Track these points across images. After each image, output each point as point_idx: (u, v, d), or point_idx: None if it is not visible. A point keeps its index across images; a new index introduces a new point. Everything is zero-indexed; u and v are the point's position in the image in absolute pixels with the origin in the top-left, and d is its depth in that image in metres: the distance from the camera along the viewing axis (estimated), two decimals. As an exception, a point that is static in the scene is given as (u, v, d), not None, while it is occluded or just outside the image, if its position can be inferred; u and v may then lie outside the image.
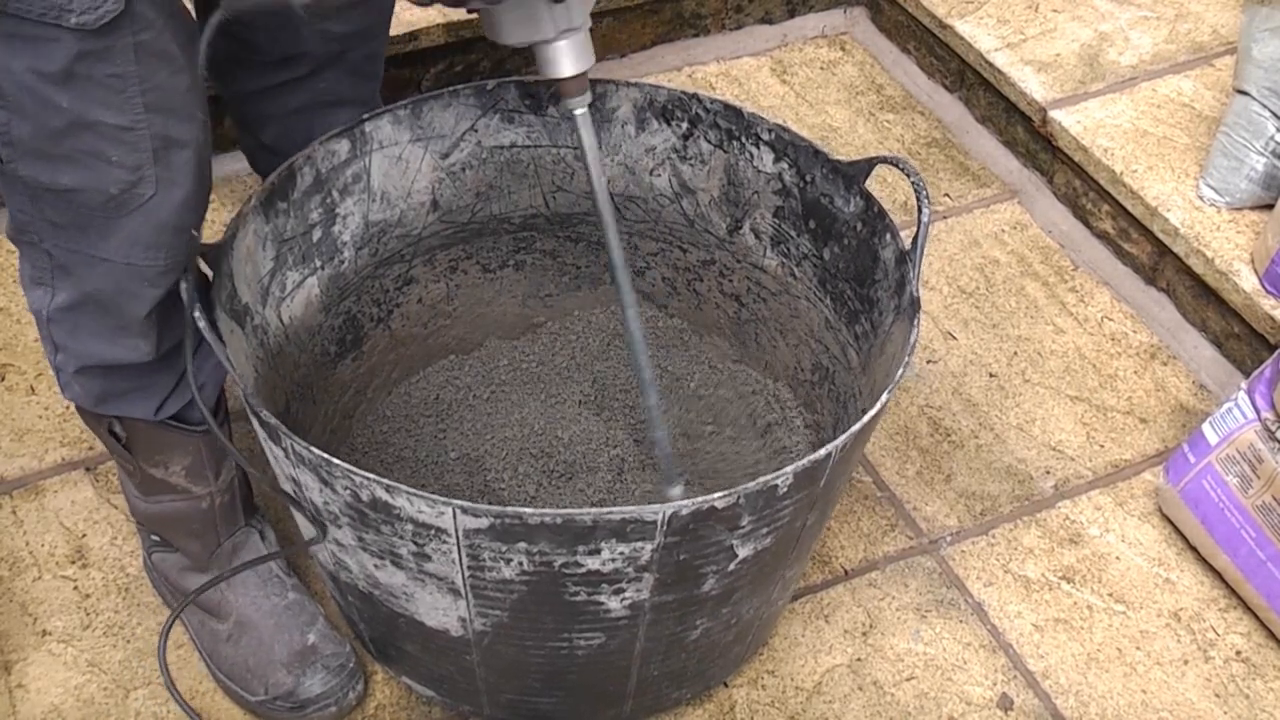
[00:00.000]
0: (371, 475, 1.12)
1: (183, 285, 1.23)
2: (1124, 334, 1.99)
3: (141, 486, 1.45)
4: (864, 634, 1.61)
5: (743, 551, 1.23)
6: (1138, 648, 1.62)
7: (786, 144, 1.51)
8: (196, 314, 1.20)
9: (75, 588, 1.60)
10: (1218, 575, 1.69)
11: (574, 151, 1.60)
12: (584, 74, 1.27)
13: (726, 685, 1.55)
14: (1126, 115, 2.08)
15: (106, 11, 1.04)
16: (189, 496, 1.45)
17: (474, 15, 1.86)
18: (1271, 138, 1.85)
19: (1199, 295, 1.92)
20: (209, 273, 1.30)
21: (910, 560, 1.69)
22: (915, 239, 1.33)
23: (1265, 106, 1.86)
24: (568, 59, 1.25)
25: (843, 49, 2.48)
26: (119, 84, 1.09)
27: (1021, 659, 1.60)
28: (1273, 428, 1.56)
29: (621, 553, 1.15)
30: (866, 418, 1.20)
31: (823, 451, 1.16)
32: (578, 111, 1.29)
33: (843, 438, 1.18)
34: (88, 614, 1.58)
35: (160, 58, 1.11)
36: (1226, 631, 1.64)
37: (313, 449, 1.13)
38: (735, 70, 2.41)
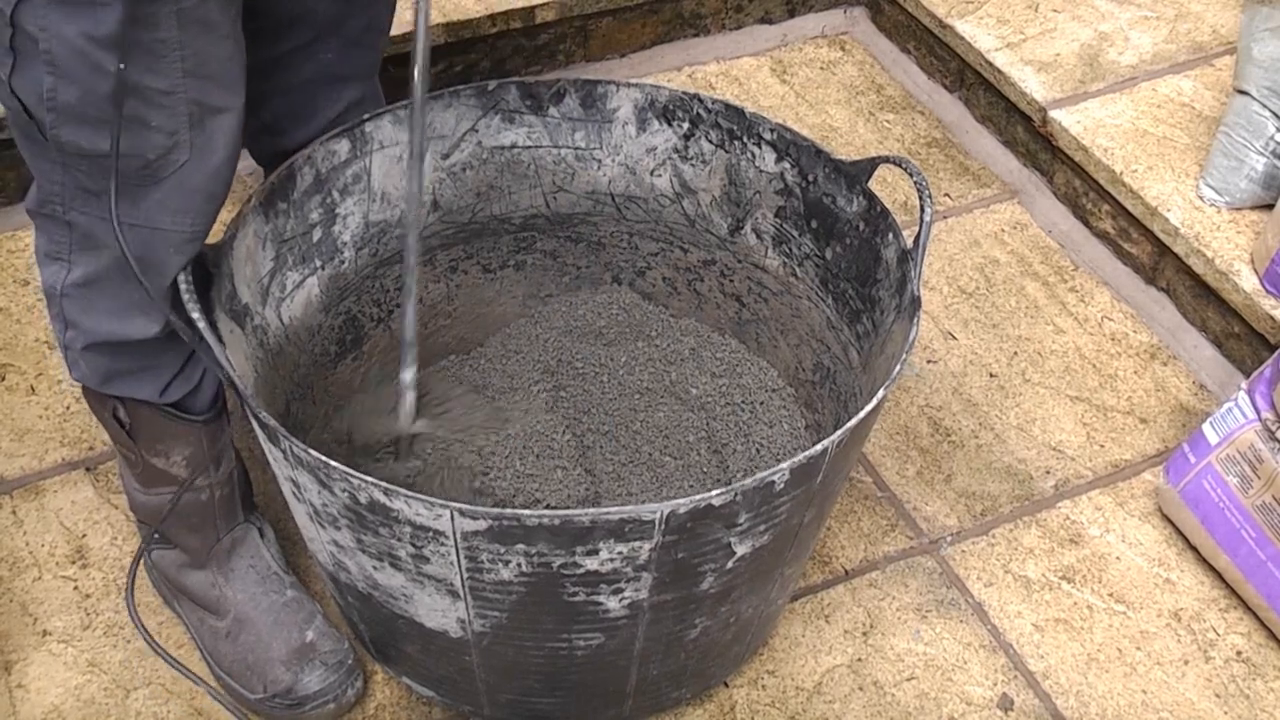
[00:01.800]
0: (369, 478, 1.12)
1: (181, 283, 1.23)
2: (1124, 334, 1.99)
3: (142, 477, 1.45)
4: (864, 634, 1.61)
5: (741, 549, 1.23)
6: (1138, 648, 1.62)
7: (788, 144, 1.51)
8: (196, 314, 1.21)
9: (75, 588, 1.60)
10: (1218, 575, 1.69)
11: (575, 152, 1.60)
12: None
13: (727, 685, 1.55)
14: (1126, 115, 2.08)
15: None
16: (189, 488, 1.45)
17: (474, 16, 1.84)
18: (1271, 138, 1.85)
19: (1199, 295, 1.92)
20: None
21: (910, 560, 1.69)
22: (917, 238, 1.34)
23: (1265, 106, 1.86)
24: None
25: (843, 49, 2.48)
26: (162, 49, 1.12)
27: (1022, 659, 1.60)
28: (1273, 428, 1.56)
29: (620, 552, 1.15)
30: (862, 413, 1.20)
31: (819, 447, 1.17)
32: None
33: (838, 433, 1.18)
34: (88, 614, 1.58)
35: (201, 24, 1.14)
36: (1227, 631, 1.64)
37: (311, 451, 1.13)
38: (735, 70, 2.41)
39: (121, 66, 1.11)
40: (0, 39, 1.10)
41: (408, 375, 1.46)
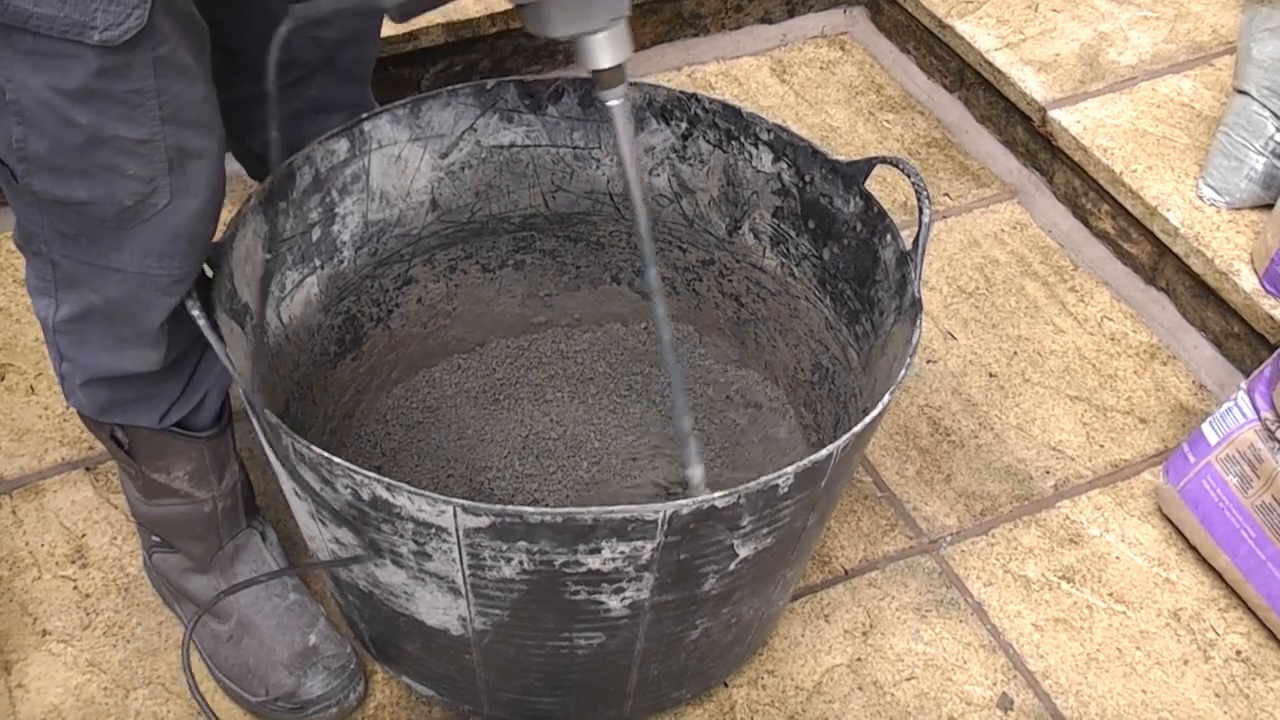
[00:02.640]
0: (372, 474, 1.12)
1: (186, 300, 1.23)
2: (1124, 334, 1.99)
3: (143, 490, 1.45)
4: (864, 634, 1.61)
5: (743, 551, 1.22)
6: (1138, 648, 1.62)
7: (786, 144, 1.51)
8: (197, 314, 1.20)
9: (75, 588, 1.60)
10: (1218, 575, 1.69)
11: (574, 151, 1.60)
12: (622, 65, 1.21)
13: (726, 685, 1.55)
14: (1126, 115, 2.08)
15: (130, 28, 1.03)
16: (191, 500, 1.44)
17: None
18: (1271, 137, 1.85)
19: (1199, 295, 1.92)
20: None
21: (910, 560, 1.69)
22: (916, 239, 1.33)
23: (1265, 106, 1.86)
24: (609, 49, 1.19)
25: (842, 49, 2.48)
26: (137, 99, 1.08)
27: (1021, 659, 1.60)
28: (1273, 428, 1.56)
29: (622, 552, 1.15)
30: (868, 419, 1.20)
31: (824, 452, 1.16)
32: (613, 103, 1.23)
33: (844, 438, 1.18)
34: (88, 614, 1.58)
35: (177, 70, 1.11)
36: (1226, 631, 1.64)
37: (313, 448, 1.13)
38: (735, 70, 2.41)
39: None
40: None
41: (696, 473, 1.31)
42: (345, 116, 1.50)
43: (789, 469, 1.15)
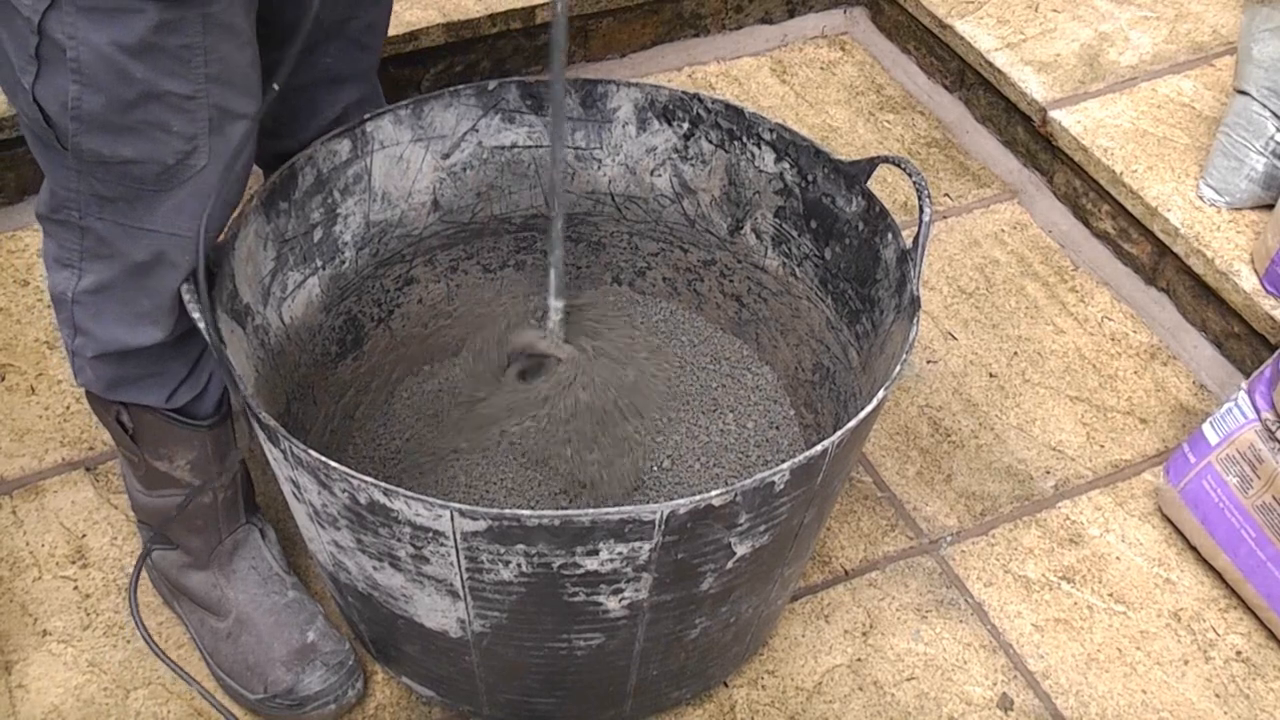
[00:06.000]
0: (369, 479, 1.12)
1: (182, 288, 1.23)
2: (1124, 334, 1.99)
3: (145, 480, 1.45)
4: (864, 634, 1.61)
5: (741, 550, 1.23)
6: (1138, 648, 1.62)
7: (788, 144, 1.51)
8: (197, 314, 1.21)
9: (75, 588, 1.60)
10: (1218, 575, 1.69)
11: (575, 152, 1.60)
12: None
13: (726, 685, 1.55)
14: (1126, 115, 2.08)
15: None
16: (198, 494, 1.45)
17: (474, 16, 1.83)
18: (1271, 138, 1.85)
19: (1199, 295, 1.92)
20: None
21: (910, 560, 1.70)
22: (917, 238, 1.34)
23: (1265, 106, 1.86)
24: None
25: (843, 49, 2.48)
26: (187, 54, 1.12)
27: (1021, 659, 1.60)
28: (1273, 428, 1.56)
29: (620, 553, 1.15)
30: (862, 414, 1.20)
31: (819, 448, 1.17)
32: None
33: (838, 434, 1.18)
34: (88, 614, 1.58)
35: (226, 30, 1.15)
36: (1226, 631, 1.64)
37: (310, 452, 1.13)
38: (735, 70, 2.41)
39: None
40: (25, 47, 1.09)
41: (557, 302, 1.51)
42: (355, 88, 1.52)
43: (784, 465, 1.15)
